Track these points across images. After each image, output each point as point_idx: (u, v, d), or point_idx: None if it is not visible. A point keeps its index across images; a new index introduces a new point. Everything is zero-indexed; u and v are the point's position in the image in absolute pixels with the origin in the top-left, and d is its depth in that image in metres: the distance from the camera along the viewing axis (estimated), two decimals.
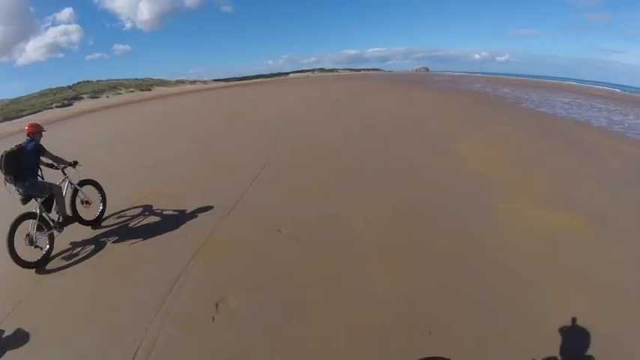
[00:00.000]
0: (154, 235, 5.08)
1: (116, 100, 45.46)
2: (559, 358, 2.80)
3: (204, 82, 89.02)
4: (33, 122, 5.00)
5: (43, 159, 4.79)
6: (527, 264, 4.06)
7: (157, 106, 30.02)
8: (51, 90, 60.25)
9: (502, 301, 3.42)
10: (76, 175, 5.20)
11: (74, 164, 5.09)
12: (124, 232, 5.24)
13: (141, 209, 5.99)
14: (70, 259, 4.60)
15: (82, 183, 5.37)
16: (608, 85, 46.79)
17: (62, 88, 61.41)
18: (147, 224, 5.48)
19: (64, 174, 5.09)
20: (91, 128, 19.55)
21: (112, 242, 4.96)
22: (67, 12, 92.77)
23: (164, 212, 5.88)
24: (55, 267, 4.47)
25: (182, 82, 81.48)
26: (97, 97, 54.61)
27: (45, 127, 5.01)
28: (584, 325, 3.12)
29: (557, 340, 2.96)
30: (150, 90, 65.54)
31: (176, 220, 5.54)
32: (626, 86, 45.99)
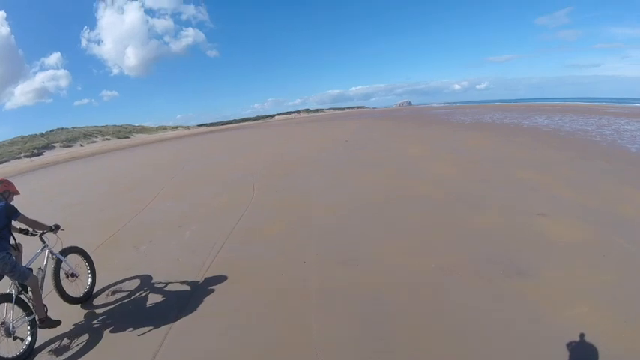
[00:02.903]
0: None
1: (89, 150, 42.70)
2: None
3: (187, 127, 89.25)
4: (3, 178, 4.16)
5: (15, 224, 3.94)
6: None
7: (120, 159, 27.41)
8: (22, 138, 57.71)
9: None
10: (57, 242, 4.44)
11: (55, 229, 4.32)
12: (121, 313, 4.28)
13: (137, 282, 5.04)
14: (60, 355, 3.60)
15: (65, 251, 4.55)
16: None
17: (34, 136, 58.75)
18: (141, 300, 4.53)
19: (43, 241, 4.28)
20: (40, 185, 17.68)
21: (110, 330, 3.94)
22: (55, 57, 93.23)
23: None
24: None
25: (163, 128, 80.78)
26: (70, 146, 51.77)
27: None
28: None
29: None
30: (128, 137, 63.81)
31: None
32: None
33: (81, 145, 52.80)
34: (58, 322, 3.94)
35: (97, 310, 4.38)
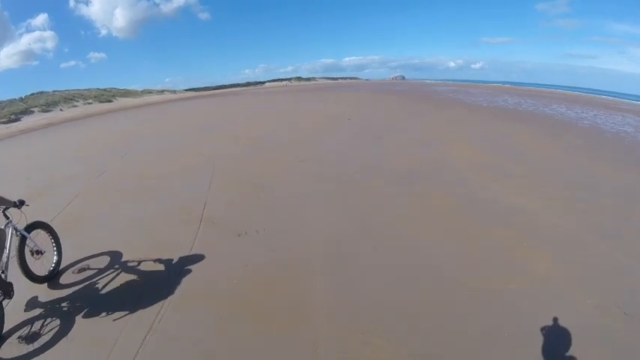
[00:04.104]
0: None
1: (69, 114, 39.47)
2: None
3: (174, 91, 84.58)
4: None
5: None
6: None
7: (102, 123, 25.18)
8: (0, 103, 53.38)
9: None
10: (22, 218, 4.24)
11: (20, 204, 4.19)
12: (89, 294, 4.13)
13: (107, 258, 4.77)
14: (31, 343, 3.39)
15: (29, 228, 4.30)
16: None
17: (13, 101, 55.00)
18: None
19: (7, 217, 4.07)
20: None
21: (82, 314, 3.79)
22: (41, 18, 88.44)
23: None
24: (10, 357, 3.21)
25: (149, 92, 76.31)
26: (50, 111, 48.27)
27: None
28: None
29: None
30: (110, 101, 60.14)
31: None
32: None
33: (61, 110, 49.11)
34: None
35: (65, 291, 4.24)
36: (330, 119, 17.47)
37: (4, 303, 3.60)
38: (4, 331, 3.48)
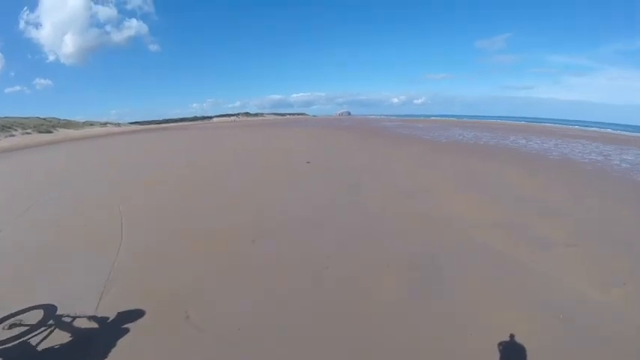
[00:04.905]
0: None
1: (6, 144, 33.50)
2: None
3: (118, 124, 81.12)
4: None
5: None
6: None
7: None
8: None
9: None
10: None
11: None
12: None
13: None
14: None
15: None
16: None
17: None
18: None
19: None
20: None
21: None
22: None
23: None
24: None
25: (91, 123, 71.74)
26: None
27: None
28: None
29: None
30: (50, 132, 53.80)
31: None
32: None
33: None
34: None
35: None
36: (286, 163, 13.99)
37: None
38: None
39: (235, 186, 10.00)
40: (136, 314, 3.87)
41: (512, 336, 3.35)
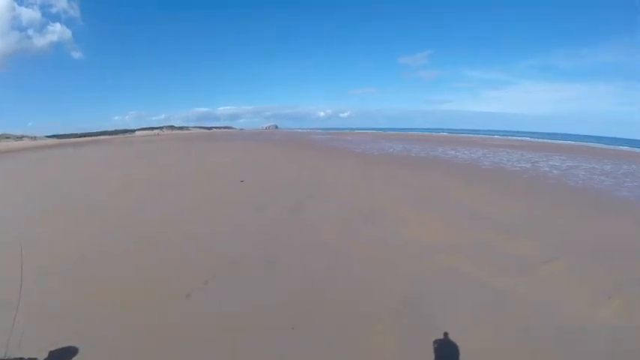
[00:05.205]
0: None
1: None
2: None
3: (34, 138, 76.42)
4: None
5: None
6: None
7: None
8: None
9: None
10: None
11: None
12: None
13: None
14: None
15: None
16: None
17: None
18: None
19: None
20: None
21: None
22: None
23: None
24: None
25: (6, 137, 67.65)
26: None
27: None
28: None
29: None
30: None
31: None
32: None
33: None
34: None
35: None
36: (218, 184, 12.02)
37: None
38: None
39: (158, 216, 8.06)
40: None
41: None
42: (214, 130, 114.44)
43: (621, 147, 34.43)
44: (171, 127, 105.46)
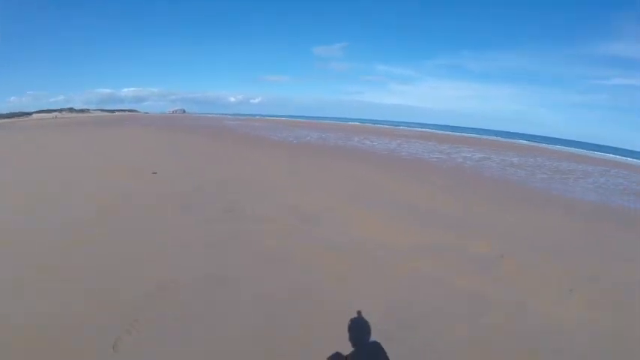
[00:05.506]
0: None
1: None
2: None
3: None
4: None
5: None
6: None
7: None
8: None
9: None
10: None
11: None
12: None
13: None
14: None
15: None
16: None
17: None
18: None
19: None
20: None
21: None
22: None
23: None
24: None
25: None
26: None
27: None
28: None
29: None
30: None
31: None
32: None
33: None
34: None
35: None
36: (128, 176, 9.68)
37: None
38: None
39: (57, 228, 5.73)
40: None
41: None
42: (118, 113, 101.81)
43: (520, 141, 41.54)
44: (71, 110, 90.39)
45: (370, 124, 58.40)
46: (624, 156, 35.22)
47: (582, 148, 40.56)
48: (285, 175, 10.81)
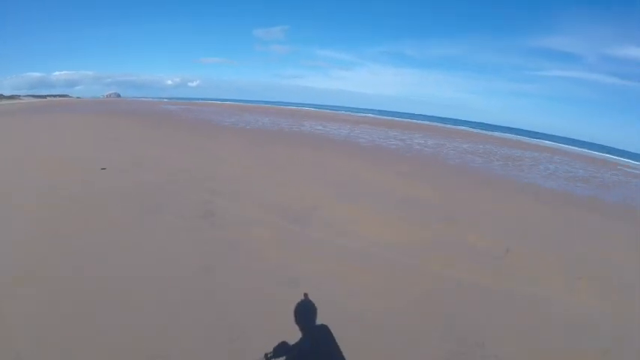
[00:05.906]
0: None
1: None
2: None
3: None
4: None
5: None
6: None
7: None
8: None
9: None
10: None
11: None
12: None
13: None
14: None
15: None
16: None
17: None
18: None
19: None
20: None
21: None
22: None
23: None
24: None
25: None
26: None
27: None
28: None
29: None
30: None
31: None
32: None
33: None
34: None
35: None
36: (69, 172, 8.09)
37: None
38: None
39: None
40: None
41: None
42: (49, 98, 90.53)
43: (461, 127, 44.24)
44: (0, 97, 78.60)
45: (313, 109, 58.43)
46: (558, 142, 39.62)
47: (518, 135, 44.48)
48: (254, 167, 9.98)
